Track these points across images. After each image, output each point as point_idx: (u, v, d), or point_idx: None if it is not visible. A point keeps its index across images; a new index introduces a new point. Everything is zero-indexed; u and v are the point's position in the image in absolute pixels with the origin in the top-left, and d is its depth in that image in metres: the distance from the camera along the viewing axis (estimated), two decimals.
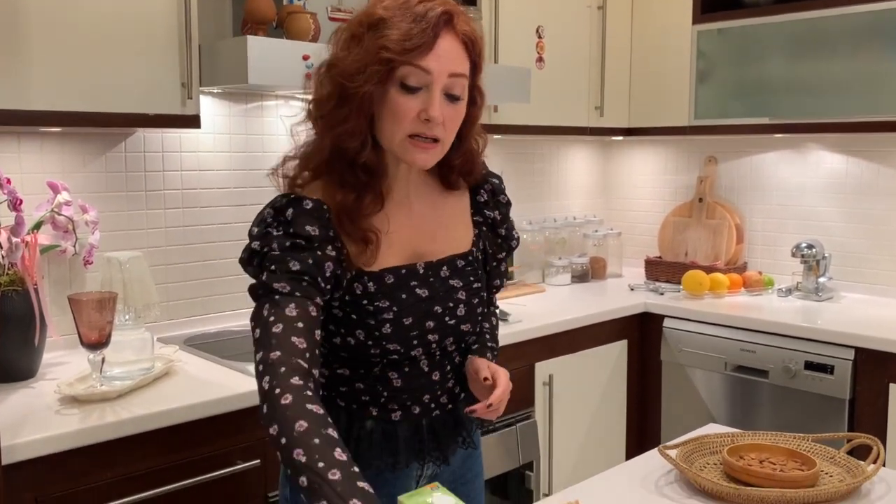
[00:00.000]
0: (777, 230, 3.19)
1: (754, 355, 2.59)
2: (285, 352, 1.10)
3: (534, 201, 3.43)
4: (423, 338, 1.28)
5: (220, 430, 1.74)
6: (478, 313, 1.34)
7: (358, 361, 1.29)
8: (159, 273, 2.25)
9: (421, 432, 1.33)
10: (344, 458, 1.02)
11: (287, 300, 1.14)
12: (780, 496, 1.45)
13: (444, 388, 1.35)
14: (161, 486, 1.64)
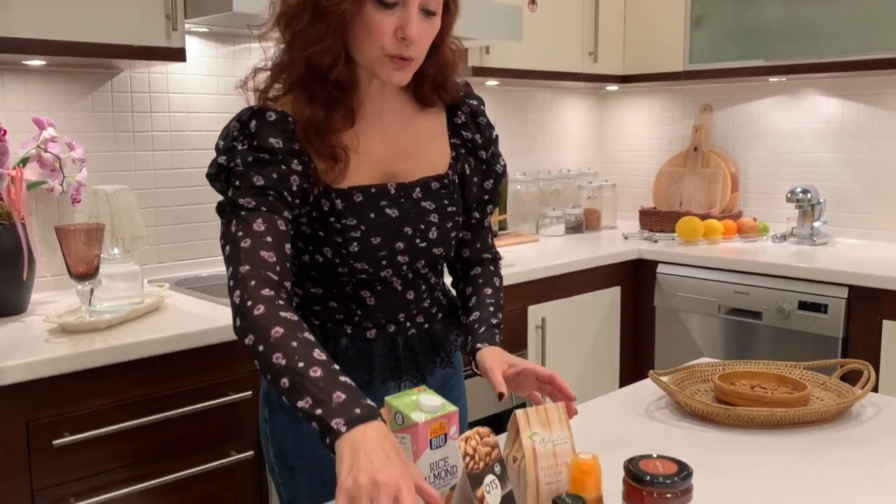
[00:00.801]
0: (772, 178, 3.18)
1: (748, 297, 2.59)
2: (254, 265, 1.09)
3: (528, 153, 3.40)
4: (392, 259, 1.26)
5: (211, 361, 1.73)
6: (452, 238, 1.32)
7: (329, 280, 1.27)
8: (149, 216, 2.24)
9: (396, 350, 1.32)
10: (323, 357, 1.02)
11: (254, 215, 1.13)
12: (770, 415, 1.45)
13: (419, 308, 1.34)
14: (152, 415, 1.65)
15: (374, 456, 0.89)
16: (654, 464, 0.99)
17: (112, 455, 1.62)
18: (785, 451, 1.34)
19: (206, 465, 1.73)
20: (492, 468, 0.99)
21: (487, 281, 1.42)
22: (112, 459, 1.62)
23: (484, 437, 1.00)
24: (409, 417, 1.02)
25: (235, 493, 1.81)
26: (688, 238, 2.93)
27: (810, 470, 1.26)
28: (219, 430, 1.76)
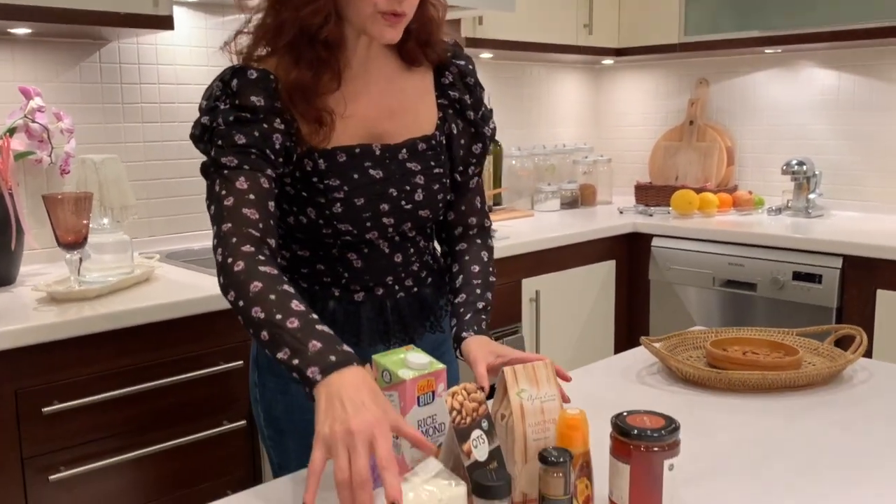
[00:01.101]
0: (768, 151, 3.16)
1: (742, 269, 2.58)
2: (236, 223, 1.10)
3: (523, 128, 3.39)
4: (377, 221, 1.24)
5: (202, 330, 1.73)
6: (439, 200, 1.30)
7: (315, 242, 1.26)
8: (139, 188, 2.22)
9: (385, 314, 1.31)
10: (301, 307, 1.02)
11: (236, 174, 1.13)
12: (762, 379, 1.45)
13: (408, 271, 1.33)
14: (142, 384, 1.64)
15: (349, 403, 0.89)
16: (642, 418, 0.99)
17: (102, 423, 1.62)
18: (776, 413, 1.34)
19: (197, 434, 1.73)
20: (479, 423, 0.98)
21: (474, 257, 1.37)
22: (102, 428, 1.62)
23: (471, 392, 0.99)
24: (397, 375, 1.02)
25: (228, 463, 1.81)
26: (683, 211, 2.92)
27: (800, 431, 1.26)
28: (210, 400, 1.76)
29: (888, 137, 2.84)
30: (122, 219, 1.79)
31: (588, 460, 1.00)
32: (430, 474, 0.82)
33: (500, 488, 0.87)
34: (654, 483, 0.95)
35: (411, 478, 0.81)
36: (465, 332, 1.26)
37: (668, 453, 0.95)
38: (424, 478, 0.82)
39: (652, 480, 0.95)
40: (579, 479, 0.99)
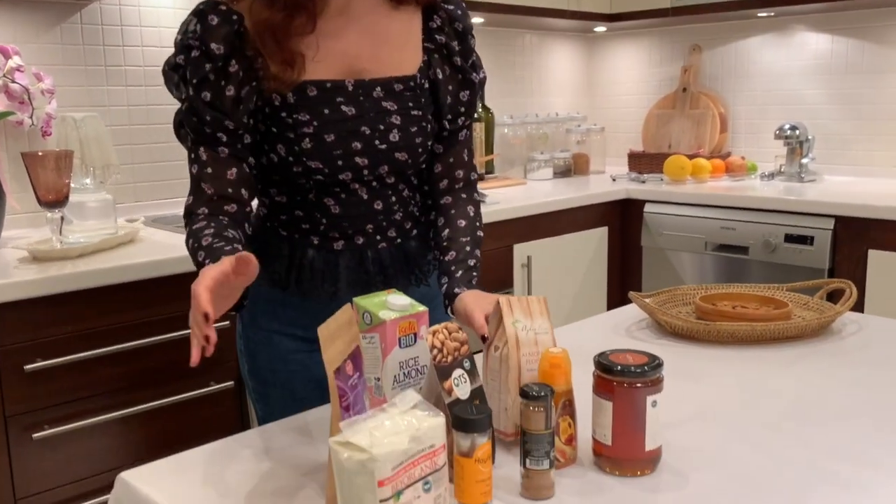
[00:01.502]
0: (761, 117, 3.14)
1: (734, 233, 2.57)
2: (196, 197, 1.18)
3: (515, 96, 3.36)
4: (349, 160, 1.21)
5: (188, 289, 1.70)
6: (418, 144, 1.27)
7: (290, 186, 1.25)
8: (124, 153, 2.20)
9: (365, 264, 1.28)
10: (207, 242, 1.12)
11: (198, 141, 1.17)
12: (750, 330, 1.44)
13: (389, 220, 1.29)
14: (126, 343, 1.62)
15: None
16: (625, 356, 0.97)
17: (87, 382, 1.60)
18: (764, 362, 1.33)
19: (184, 394, 1.72)
20: (460, 363, 0.97)
21: (461, 211, 1.34)
22: (88, 387, 1.60)
23: (452, 332, 0.98)
24: (377, 316, 1.00)
25: (216, 423, 1.80)
26: (675, 177, 2.91)
27: (789, 378, 1.25)
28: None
29: (881, 101, 2.82)
30: (104, 179, 1.76)
31: (571, 399, 0.99)
32: (407, 405, 0.81)
33: (480, 422, 0.86)
34: (637, 420, 0.94)
35: (389, 408, 0.80)
36: (458, 288, 1.24)
37: (651, 389, 0.94)
38: (402, 409, 0.80)
39: (635, 417, 0.94)
40: (562, 418, 0.97)
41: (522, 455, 0.91)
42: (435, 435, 0.79)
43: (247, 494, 0.92)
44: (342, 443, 0.75)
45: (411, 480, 0.76)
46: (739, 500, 0.88)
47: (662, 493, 0.91)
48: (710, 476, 0.94)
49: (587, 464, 0.99)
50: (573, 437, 0.99)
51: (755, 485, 0.92)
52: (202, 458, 1.02)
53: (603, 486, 0.93)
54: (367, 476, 0.73)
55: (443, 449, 0.80)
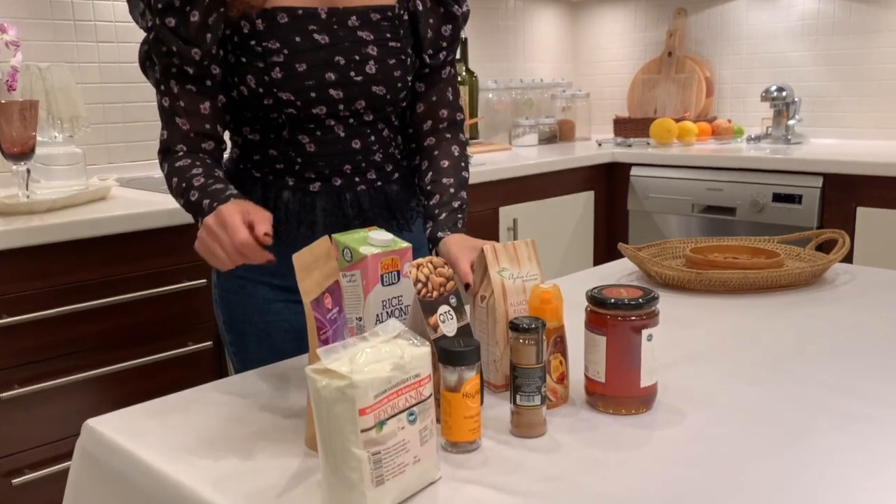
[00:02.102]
0: (747, 80, 3.10)
1: (721, 193, 2.54)
2: (171, 133, 1.15)
3: (499, 61, 3.30)
4: (323, 92, 1.16)
5: (163, 246, 1.65)
6: (396, 78, 1.21)
7: (262, 123, 1.19)
8: (96, 112, 2.12)
9: (343, 207, 1.23)
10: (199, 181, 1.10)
11: (167, 73, 1.13)
12: (743, 278, 1.40)
13: (368, 161, 1.24)
14: (98, 300, 1.56)
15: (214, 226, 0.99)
16: (618, 290, 0.93)
17: (59, 340, 1.54)
18: (758, 310, 1.30)
19: (161, 354, 1.66)
20: (446, 299, 0.92)
21: (445, 152, 1.28)
22: (59, 345, 1.54)
23: (438, 266, 0.93)
24: (358, 252, 0.95)
25: (194, 384, 1.74)
26: (662, 140, 2.87)
27: (783, 324, 1.22)
28: (174, 319, 1.68)
29: (868, 61, 2.78)
30: (73, 132, 1.69)
31: (562, 336, 0.94)
32: (390, 334, 0.76)
33: (467, 354, 0.81)
34: (631, 355, 0.90)
35: (371, 337, 0.75)
36: (442, 232, 1.19)
37: (646, 322, 0.90)
38: (385, 338, 0.75)
39: (629, 352, 0.90)
40: (553, 356, 0.93)
41: (512, 391, 0.86)
42: (420, 364, 0.74)
43: (221, 439, 0.87)
44: (319, 370, 0.70)
45: (395, 411, 0.71)
46: (740, 434, 0.85)
47: (659, 429, 0.87)
48: (709, 412, 0.90)
49: (580, 403, 0.95)
50: (565, 376, 0.95)
51: (756, 419, 0.88)
52: (175, 404, 0.97)
53: (597, 423, 0.89)
54: (348, 404, 0.68)
55: (429, 379, 0.75)
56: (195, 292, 1.69)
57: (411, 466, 0.73)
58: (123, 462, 0.86)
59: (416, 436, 0.73)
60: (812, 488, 0.73)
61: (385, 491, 0.71)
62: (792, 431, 0.85)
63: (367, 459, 0.69)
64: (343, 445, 0.69)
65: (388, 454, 0.71)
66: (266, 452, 0.84)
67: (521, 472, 0.78)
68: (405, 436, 0.72)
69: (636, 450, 0.82)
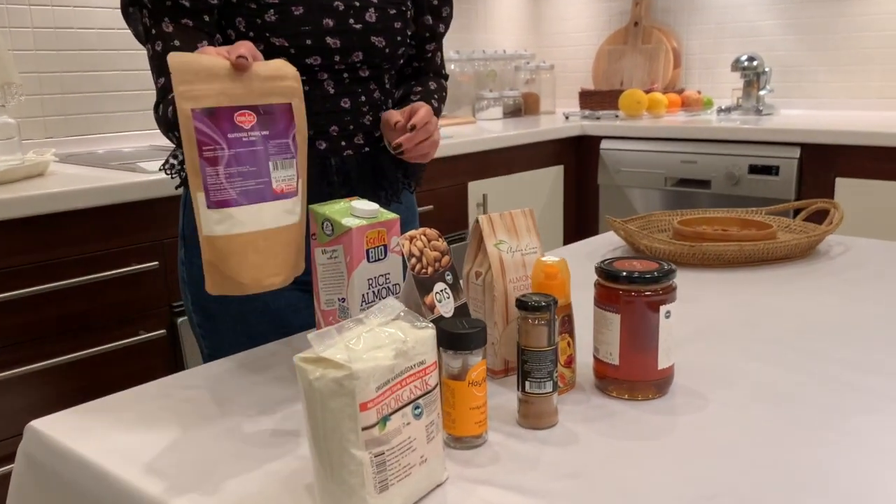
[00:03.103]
0: (715, 51, 3.04)
1: (695, 166, 2.48)
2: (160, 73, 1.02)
3: (461, 31, 3.18)
4: (319, 38, 1.07)
5: (108, 226, 1.50)
6: (396, 30, 1.13)
7: None
8: (30, 83, 1.94)
9: (328, 173, 1.13)
10: None
11: (157, 13, 1.01)
12: (738, 251, 1.33)
13: (357, 123, 1.14)
14: (36, 286, 1.41)
15: None
16: (631, 263, 0.84)
17: None
18: (756, 283, 1.22)
19: (109, 344, 1.52)
20: (442, 275, 0.82)
21: (426, 81, 1.27)
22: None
23: (432, 239, 0.82)
24: (340, 224, 0.84)
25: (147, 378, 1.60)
26: (631, 112, 2.79)
27: (785, 297, 1.15)
28: (123, 307, 1.54)
29: (840, 30, 2.74)
30: (5, 101, 1.53)
31: (570, 315, 0.85)
32: (389, 316, 0.65)
33: (473, 337, 0.71)
34: (648, 334, 0.81)
35: (367, 319, 0.64)
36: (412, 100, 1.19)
37: (664, 297, 0.81)
38: (383, 319, 0.65)
39: (646, 331, 0.81)
40: (560, 337, 0.84)
41: (521, 377, 0.77)
42: (425, 349, 0.64)
43: (183, 440, 0.76)
44: (311, 359, 0.59)
45: (399, 404, 0.61)
46: (772, 418, 0.77)
47: (682, 415, 0.78)
48: (731, 395, 0.82)
49: (588, 388, 0.86)
50: (573, 359, 0.85)
51: (784, 400, 0.80)
52: (130, 401, 0.85)
53: (613, 410, 0.80)
54: (346, 398, 0.58)
55: (434, 367, 0.65)
56: (145, 276, 1.55)
57: (418, 467, 0.63)
58: (70, 468, 0.74)
59: (422, 432, 0.63)
60: (873, 475, 0.66)
61: (389, 497, 0.61)
62: (828, 413, 0.77)
63: (370, 462, 0.59)
64: (341, 446, 0.59)
65: (393, 455, 0.60)
66: (238, 454, 0.72)
67: (537, 469, 0.69)
68: (411, 433, 0.62)
69: (661, 439, 0.73)
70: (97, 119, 2.08)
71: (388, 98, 1.21)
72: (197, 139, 0.68)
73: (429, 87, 1.26)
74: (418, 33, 1.22)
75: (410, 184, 1.27)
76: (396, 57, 1.16)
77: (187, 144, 0.69)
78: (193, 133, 0.68)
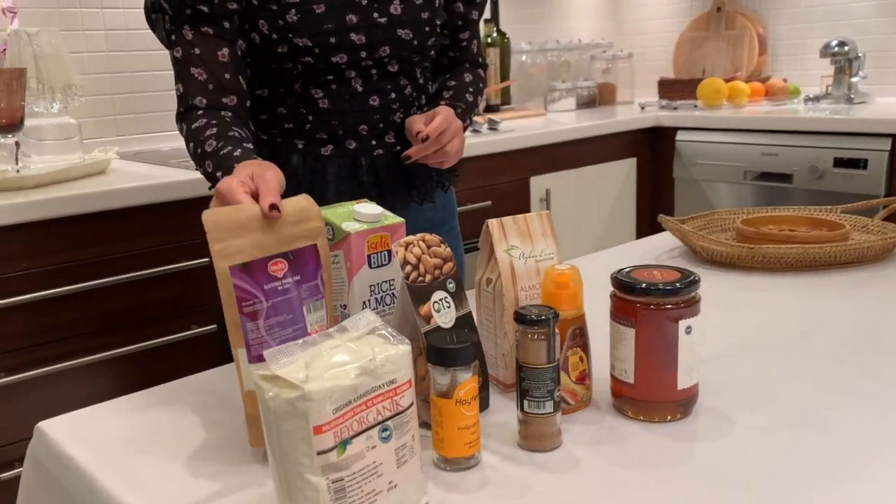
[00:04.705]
0: (803, 36, 2.85)
1: (777, 159, 2.32)
2: (187, 86, 1.02)
3: (534, 21, 3.10)
4: (344, 37, 1.04)
5: (162, 223, 1.53)
6: (424, 21, 1.09)
7: (274, 76, 1.07)
8: (102, 82, 2.01)
9: (358, 173, 1.11)
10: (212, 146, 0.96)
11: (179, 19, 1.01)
12: (802, 254, 1.22)
13: (388, 122, 1.11)
14: (90, 281, 1.45)
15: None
16: (651, 272, 0.77)
17: (47, 325, 1.43)
18: (817, 290, 1.12)
19: (160, 339, 1.55)
20: (443, 283, 0.77)
21: (455, 74, 1.22)
22: (48, 330, 1.44)
23: (432, 246, 0.78)
24: (341, 228, 0.81)
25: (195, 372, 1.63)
26: (710, 102, 2.65)
27: (846, 306, 1.04)
28: (175, 301, 1.57)
29: None
30: (66, 101, 1.58)
31: (583, 327, 0.79)
32: (361, 330, 0.62)
33: (461, 352, 0.67)
34: (666, 351, 0.74)
35: (337, 333, 0.61)
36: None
37: (684, 311, 0.74)
38: (356, 334, 0.61)
39: (664, 347, 0.74)
40: (572, 351, 0.78)
41: (519, 396, 0.72)
42: (397, 367, 0.60)
43: (175, 451, 0.74)
44: (269, 377, 0.56)
45: (363, 426, 0.57)
46: (805, 446, 0.69)
47: (701, 441, 0.71)
48: (762, 418, 0.74)
49: (605, 408, 0.80)
50: (586, 375, 0.79)
51: (823, 426, 0.72)
52: (142, 403, 0.85)
53: (624, 433, 0.74)
54: (299, 420, 0.55)
55: (408, 386, 0.61)
56: (196, 272, 1.57)
57: (385, 494, 0.59)
58: (68, 475, 0.74)
59: (390, 456, 0.59)
60: None
61: None
62: (871, 443, 0.69)
63: (327, 488, 0.56)
64: (296, 470, 0.56)
65: (354, 481, 0.57)
66: (226, 470, 0.70)
67: (526, 498, 0.64)
68: (376, 457, 0.58)
69: (672, 468, 0.67)
70: (165, 117, 2.13)
71: (422, 93, 1.17)
72: (237, 296, 0.67)
73: (463, 80, 1.21)
74: (450, 22, 1.18)
75: (444, 183, 1.23)
76: (427, 49, 1.12)
77: (227, 302, 0.67)
78: (233, 290, 0.67)
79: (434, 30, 1.11)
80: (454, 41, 1.21)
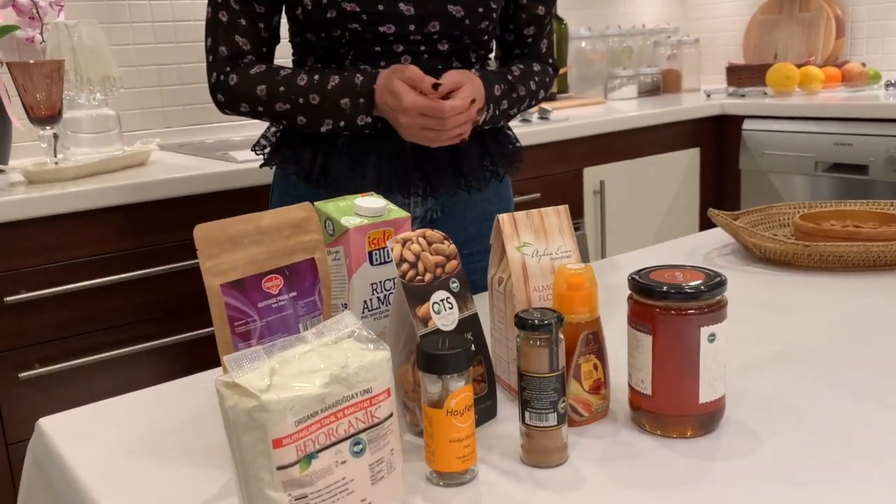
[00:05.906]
0: (886, 16, 2.66)
1: (851, 149, 2.17)
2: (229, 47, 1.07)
3: (594, 6, 3.00)
4: (392, 5, 1.01)
5: (200, 213, 1.52)
6: (479, 1, 1.05)
7: (323, 47, 1.06)
8: (150, 75, 2.03)
9: (403, 160, 1.07)
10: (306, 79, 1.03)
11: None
12: (864, 252, 1.12)
13: None
14: (127, 273, 1.46)
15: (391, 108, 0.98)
16: (672, 273, 0.70)
17: (83, 316, 1.44)
18: (878, 291, 1.02)
19: (198, 331, 1.54)
20: (445, 283, 0.72)
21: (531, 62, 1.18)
22: (83, 321, 1.44)
23: (433, 242, 0.73)
24: (340, 224, 0.77)
25: None
26: (781, 88, 2.50)
27: None
28: (201, 295, 1.56)
29: None
30: (106, 93, 1.58)
31: (597, 332, 0.72)
32: (337, 333, 0.57)
33: (451, 358, 0.61)
34: (686, 361, 0.67)
35: (312, 337, 0.56)
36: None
37: (706, 317, 0.67)
38: (331, 338, 0.56)
39: (683, 357, 0.67)
40: (584, 358, 0.72)
41: (521, 407, 0.66)
42: (372, 376, 0.55)
43: (162, 455, 0.71)
44: (230, 384, 0.52)
45: (331, 440, 0.53)
46: (839, 469, 0.61)
47: (721, 460, 0.64)
48: (791, 437, 0.67)
49: (622, 420, 0.73)
50: (602, 384, 0.73)
51: (859, 450, 0.64)
52: (139, 403, 0.83)
53: (639, 449, 0.67)
54: (258, 432, 0.50)
55: (386, 396, 0.56)
56: None
57: None
58: (62, 477, 0.72)
59: (363, 472, 0.54)
60: None
61: None
62: None
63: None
64: (257, 486, 0.52)
65: (320, 498, 0.52)
66: (215, 476, 0.67)
67: None
68: (346, 473, 0.54)
69: (685, 490, 0.60)
70: (212, 108, 2.14)
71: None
72: (228, 315, 0.63)
73: (531, 68, 1.17)
74: (515, 18, 1.14)
75: (499, 171, 1.17)
76: (478, 31, 1.07)
77: (218, 321, 0.64)
78: (224, 310, 0.63)
79: (489, 12, 1.07)
80: (520, 38, 1.17)
